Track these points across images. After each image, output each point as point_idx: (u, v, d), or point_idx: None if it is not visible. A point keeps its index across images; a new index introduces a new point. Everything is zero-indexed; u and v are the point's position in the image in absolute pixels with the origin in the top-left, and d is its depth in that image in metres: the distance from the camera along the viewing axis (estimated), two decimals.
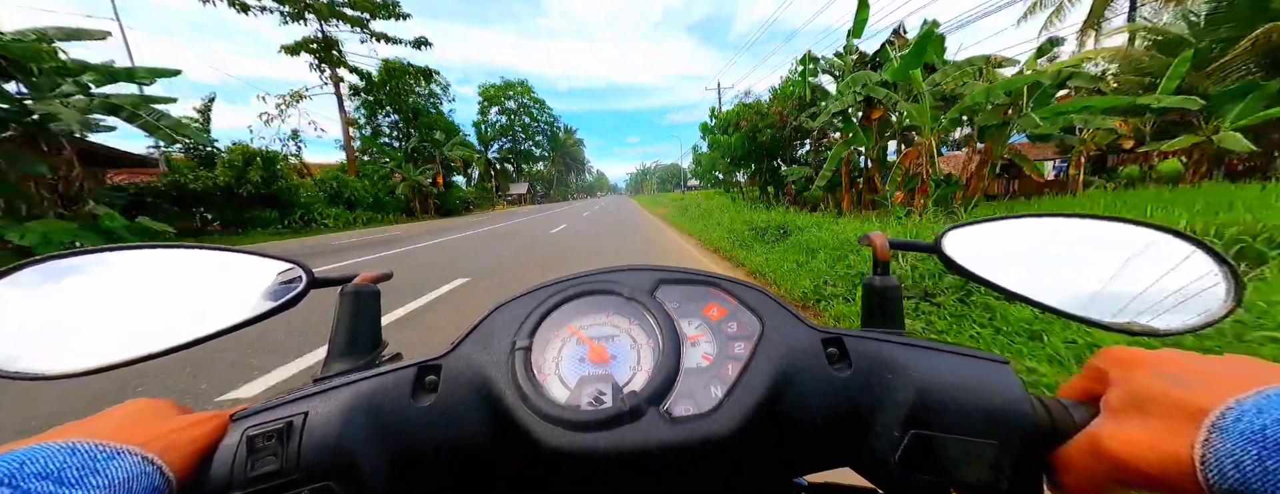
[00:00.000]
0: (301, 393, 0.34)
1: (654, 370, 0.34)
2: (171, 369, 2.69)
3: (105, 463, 0.24)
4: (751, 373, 0.34)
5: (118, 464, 0.24)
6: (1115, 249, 0.40)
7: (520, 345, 0.35)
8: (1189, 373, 0.25)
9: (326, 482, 0.29)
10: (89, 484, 0.22)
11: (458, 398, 0.34)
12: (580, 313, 0.39)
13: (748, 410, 0.32)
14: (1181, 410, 0.23)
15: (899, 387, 0.32)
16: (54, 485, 0.22)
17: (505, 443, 0.33)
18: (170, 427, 0.29)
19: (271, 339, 3.22)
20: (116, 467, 0.24)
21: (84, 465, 0.23)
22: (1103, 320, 0.36)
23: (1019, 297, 0.39)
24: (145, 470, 0.25)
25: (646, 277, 0.41)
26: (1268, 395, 0.21)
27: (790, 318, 0.38)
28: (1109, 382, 0.28)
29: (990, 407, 0.30)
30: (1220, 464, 0.20)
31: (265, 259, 0.45)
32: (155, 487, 0.25)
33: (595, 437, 0.30)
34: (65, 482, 0.22)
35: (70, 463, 0.23)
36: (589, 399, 0.32)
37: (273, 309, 0.42)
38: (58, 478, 0.22)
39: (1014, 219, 0.45)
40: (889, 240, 0.44)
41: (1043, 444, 0.29)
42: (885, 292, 0.43)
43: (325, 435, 0.31)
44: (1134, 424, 0.25)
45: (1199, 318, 0.34)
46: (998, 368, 0.32)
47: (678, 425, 0.31)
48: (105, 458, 0.24)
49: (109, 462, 0.24)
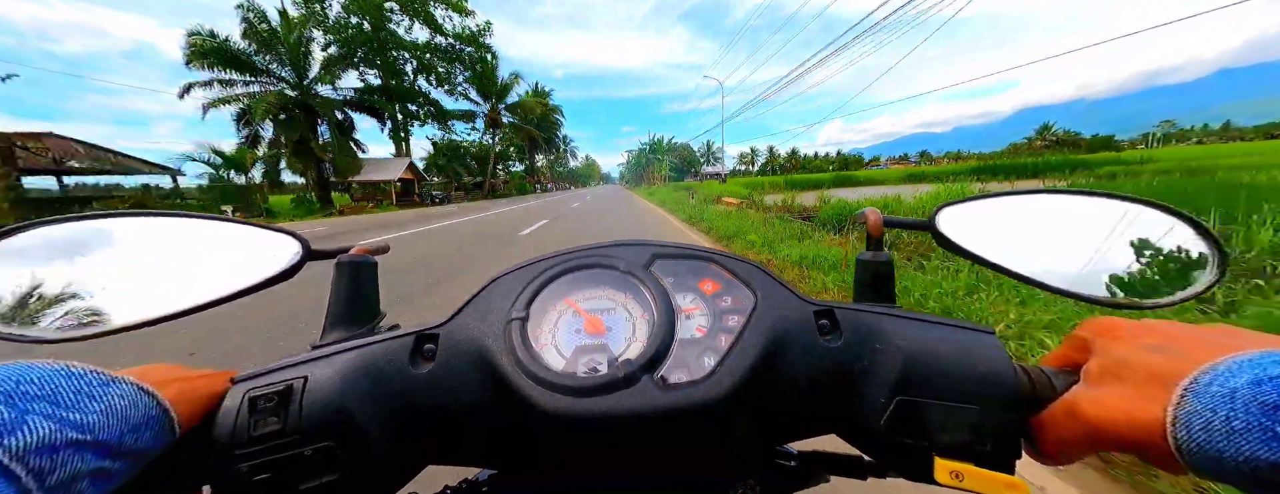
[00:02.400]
0: (302, 358, 0.34)
1: (649, 341, 0.35)
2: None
3: (102, 389, 0.23)
4: (744, 343, 0.34)
5: (115, 391, 0.23)
6: (1104, 223, 0.41)
7: (516, 316, 0.36)
8: (1170, 341, 0.26)
9: (328, 442, 0.30)
10: (86, 408, 0.22)
11: (455, 365, 0.35)
12: (577, 286, 0.39)
13: (739, 378, 0.33)
14: (1158, 376, 0.24)
15: (887, 355, 0.33)
16: (50, 407, 0.21)
17: (502, 408, 0.33)
18: (175, 375, 0.29)
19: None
20: (114, 393, 0.23)
21: (80, 389, 0.22)
22: (1091, 295, 0.37)
23: (1010, 272, 0.40)
24: (144, 402, 0.25)
25: (642, 251, 0.41)
26: (1240, 360, 0.21)
27: (784, 291, 0.39)
28: (1091, 351, 0.29)
29: (974, 374, 0.31)
30: (1190, 425, 0.21)
31: (262, 230, 0.45)
32: (154, 417, 0.25)
33: (590, 401, 0.31)
34: (61, 404, 0.21)
35: (65, 385, 0.22)
36: (585, 368, 0.33)
37: (269, 280, 0.42)
38: (53, 399, 0.21)
39: (1008, 196, 0.45)
40: (883, 217, 0.45)
41: (1023, 409, 0.30)
42: (877, 267, 0.44)
43: (326, 398, 0.31)
44: (1111, 390, 0.25)
45: (1184, 290, 0.35)
46: (983, 337, 0.33)
47: (671, 391, 0.32)
48: (101, 384, 0.23)
49: (105, 388, 0.23)
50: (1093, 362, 0.28)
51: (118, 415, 0.23)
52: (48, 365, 0.23)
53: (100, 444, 0.22)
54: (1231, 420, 0.20)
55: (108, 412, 0.23)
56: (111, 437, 0.22)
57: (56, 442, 0.20)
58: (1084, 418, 0.26)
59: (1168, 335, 0.26)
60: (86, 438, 0.21)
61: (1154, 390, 0.23)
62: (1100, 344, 0.28)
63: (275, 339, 3.21)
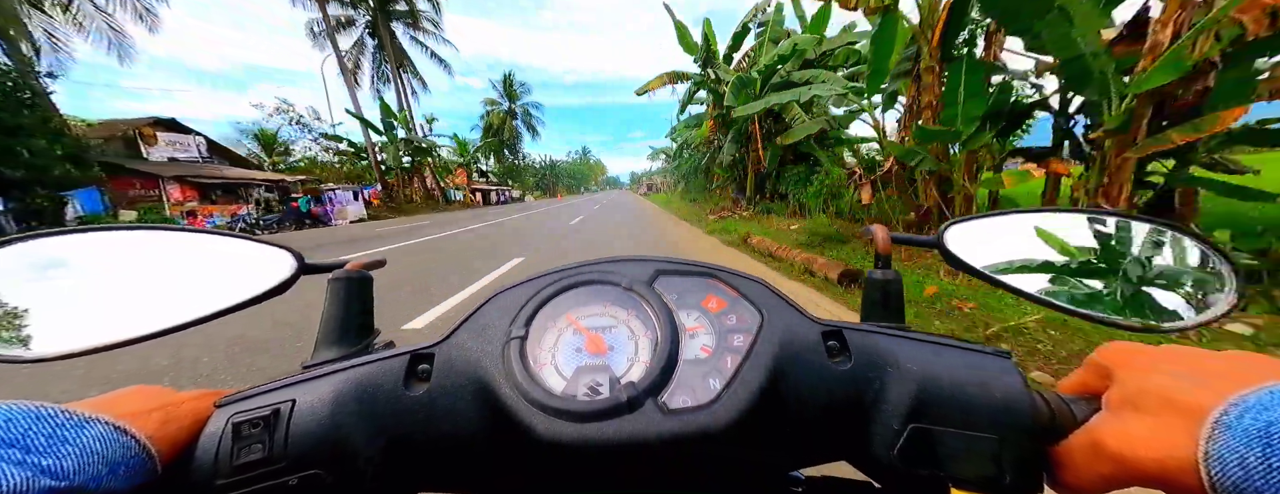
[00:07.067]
0: (289, 380, 0.33)
1: (652, 362, 0.34)
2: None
3: (75, 431, 0.22)
4: (750, 366, 0.33)
5: (89, 433, 0.22)
6: (1117, 244, 0.40)
7: (515, 334, 0.35)
8: (1192, 369, 0.25)
9: (315, 470, 0.29)
10: (60, 452, 0.20)
11: (451, 387, 0.33)
12: (578, 303, 0.38)
13: (745, 403, 0.31)
14: (1184, 407, 0.23)
15: (899, 380, 0.32)
16: (21, 453, 0.20)
17: (499, 433, 0.32)
18: (153, 405, 0.28)
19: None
20: (88, 435, 0.22)
21: (52, 433, 0.21)
22: (1104, 316, 0.36)
23: (1021, 292, 0.39)
24: (121, 441, 0.23)
25: (645, 267, 0.40)
26: (1272, 392, 0.20)
27: (790, 311, 0.38)
28: (1111, 378, 0.28)
29: (991, 401, 0.30)
30: (1223, 462, 0.20)
31: (255, 244, 0.44)
32: (134, 457, 0.24)
33: (592, 427, 0.30)
34: (32, 449, 0.20)
35: (36, 429, 0.21)
36: (585, 390, 0.32)
37: (261, 295, 0.41)
38: (25, 445, 0.20)
39: (1016, 214, 0.45)
40: (891, 234, 0.44)
41: (1043, 439, 0.29)
42: (886, 285, 0.43)
43: (313, 424, 0.30)
44: (1135, 421, 0.24)
45: (1202, 314, 0.34)
46: (1000, 362, 0.32)
47: (675, 417, 0.31)
48: (74, 426, 0.22)
49: (79, 430, 0.22)
50: (1114, 390, 0.27)
51: (94, 458, 0.22)
52: (16, 407, 0.21)
53: (75, 490, 0.20)
54: (1269, 457, 0.19)
55: (83, 454, 0.21)
56: (87, 481, 0.21)
57: (30, 490, 0.19)
58: (1108, 451, 0.25)
59: (1191, 362, 0.25)
60: (60, 485, 0.20)
61: (1181, 422, 0.22)
62: (1121, 371, 0.27)
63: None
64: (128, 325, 0.36)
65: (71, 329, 0.35)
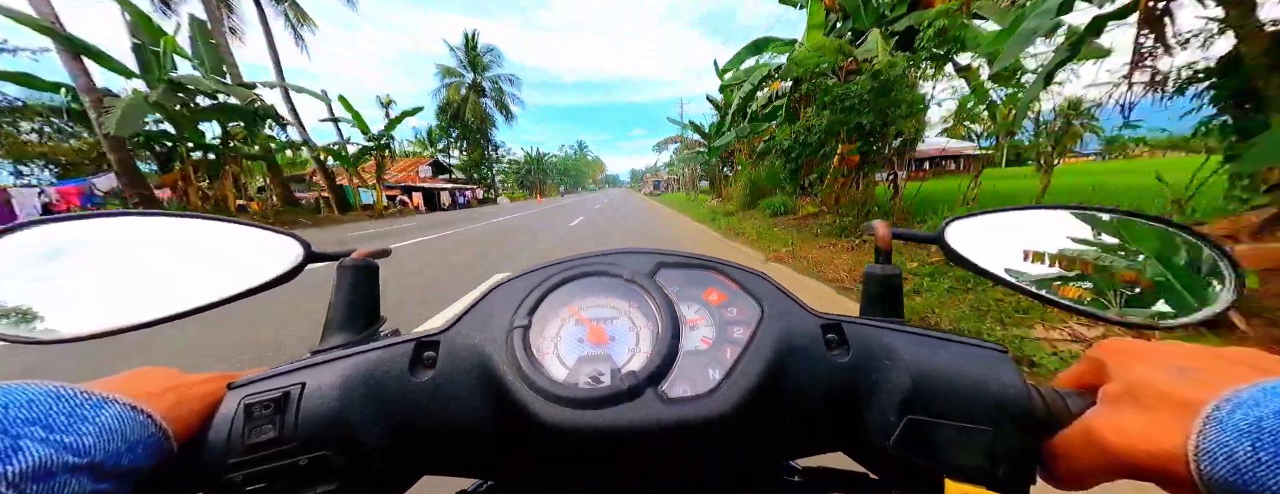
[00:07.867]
0: (299, 364, 0.34)
1: (652, 352, 0.34)
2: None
3: (94, 410, 0.22)
4: (749, 357, 0.34)
5: (108, 412, 0.23)
6: (1117, 241, 0.40)
7: (519, 324, 0.35)
8: (1189, 365, 0.25)
9: (324, 451, 0.29)
10: (79, 431, 0.21)
11: (455, 374, 0.34)
12: (580, 294, 0.39)
13: (744, 393, 0.32)
14: (1178, 402, 0.23)
15: (896, 372, 0.32)
16: (43, 431, 0.20)
17: (502, 419, 0.33)
18: (165, 386, 0.28)
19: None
20: (107, 415, 0.23)
21: (72, 413, 0.22)
22: (1105, 313, 0.36)
23: (1021, 288, 0.39)
24: (139, 421, 0.24)
25: (647, 259, 0.41)
26: (1265, 388, 0.21)
27: (790, 303, 0.38)
28: (1107, 373, 0.28)
29: (986, 394, 0.30)
30: (1213, 456, 0.20)
31: (263, 231, 0.45)
32: (151, 436, 0.25)
33: (592, 414, 0.30)
34: (54, 428, 0.21)
35: (57, 408, 0.22)
36: (587, 379, 0.32)
37: (269, 282, 0.42)
38: (47, 423, 0.21)
39: (1017, 210, 0.45)
40: (893, 230, 0.44)
41: (1037, 432, 0.29)
42: (886, 280, 0.43)
43: (322, 407, 0.31)
44: (1129, 415, 0.25)
45: (1200, 310, 0.34)
46: (996, 356, 0.32)
47: (675, 406, 0.31)
48: (93, 406, 0.23)
49: (98, 410, 0.23)
50: (1110, 385, 0.27)
51: (112, 436, 0.22)
52: (37, 387, 0.22)
53: (96, 466, 0.21)
54: (1258, 451, 0.19)
55: (102, 433, 0.22)
56: (107, 458, 0.22)
57: (52, 467, 0.20)
58: (1102, 443, 0.25)
59: (1188, 358, 0.26)
60: (82, 461, 0.21)
61: (1175, 417, 0.23)
62: (1117, 367, 0.28)
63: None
64: (140, 310, 0.36)
65: (84, 313, 0.35)
